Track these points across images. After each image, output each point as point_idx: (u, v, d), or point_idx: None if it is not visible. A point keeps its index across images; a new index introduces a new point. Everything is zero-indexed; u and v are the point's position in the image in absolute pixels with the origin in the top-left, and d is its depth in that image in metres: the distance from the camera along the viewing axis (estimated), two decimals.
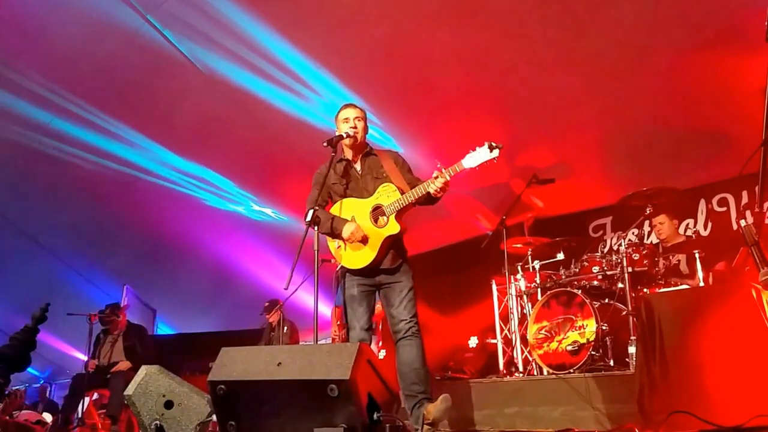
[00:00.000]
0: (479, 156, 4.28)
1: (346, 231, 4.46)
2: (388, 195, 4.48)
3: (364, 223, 4.50)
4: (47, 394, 14.35)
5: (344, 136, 4.56)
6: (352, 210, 4.57)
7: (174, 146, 8.97)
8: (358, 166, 4.68)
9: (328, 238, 4.65)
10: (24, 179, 9.34)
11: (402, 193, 4.42)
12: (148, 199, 9.86)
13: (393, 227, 4.42)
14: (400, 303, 4.49)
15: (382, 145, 7.55)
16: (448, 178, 4.28)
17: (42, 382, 14.97)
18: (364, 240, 4.47)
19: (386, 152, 4.77)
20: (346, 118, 4.67)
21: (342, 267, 4.63)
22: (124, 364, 7.75)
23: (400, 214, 4.44)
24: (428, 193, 4.32)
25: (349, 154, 4.72)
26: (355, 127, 4.62)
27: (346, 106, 4.76)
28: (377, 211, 4.50)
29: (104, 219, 10.11)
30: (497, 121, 7.48)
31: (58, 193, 9.58)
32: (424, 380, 4.40)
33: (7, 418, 6.50)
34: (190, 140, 8.85)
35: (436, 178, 4.27)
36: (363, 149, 4.73)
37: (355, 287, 4.53)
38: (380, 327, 8.18)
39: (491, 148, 4.25)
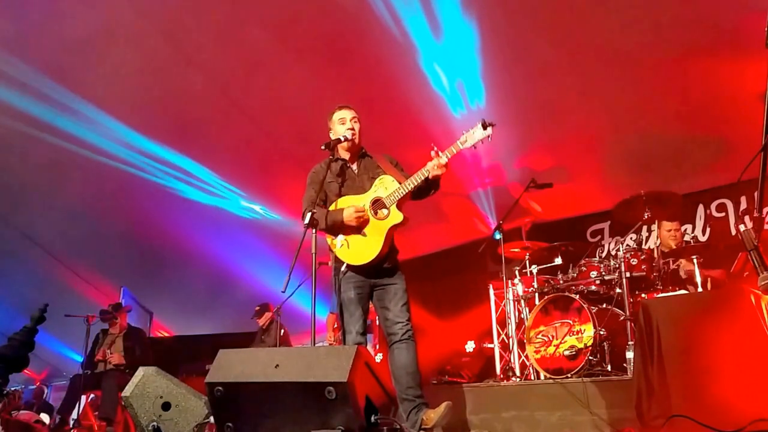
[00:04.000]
0: (474, 135, 4.31)
1: (347, 215, 4.41)
2: (385, 187, 4.46)
3: (368, 216, 4.48)
4: (43, 396, 14.31)
5: (342, 140, 4.55)
6: (351, 206, 4.55)
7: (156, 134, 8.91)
8: (354, 166, 4.68)
9: (328, 238, 4.60)
10: (23, 181, 9.32)
11: (400, 183, 4.42)
12: (146, 201, 9.84)
13: (396, 216, 4.39)
14: (395, 306, 4.47)
15: None
16: (445, 160, 4.28)
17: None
18: (365, 229, 4.45)
19: (380, 154, 4.76)
20: (342, 119, 4.65)
21: (338, 269, 4.59)
22: (117, 357, 7.80)
23: (400, 205, 4.42)
24: (427, 178, 4.32)
25: (345, 154, 4.69)
26: (353, 129, 4.61)
27: (342, 107, 4.72)
28: (377, 204, 4.47)
29: (103, 221, 10.09)
30: (497, 124, 7.48)
31: (57, 195, 9.56)
32: (419, 384, 4.40)
33: (8, 416, 6.49)
34: (175, 130, 8.81)
35: (434, 160, 4.29)
36: (359, 150, 4.73)
37: (351, 290, 4.49)
38: (376, 330, 8.17)
39: (484, 126, 4.27)
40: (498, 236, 7.27)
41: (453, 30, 6.68)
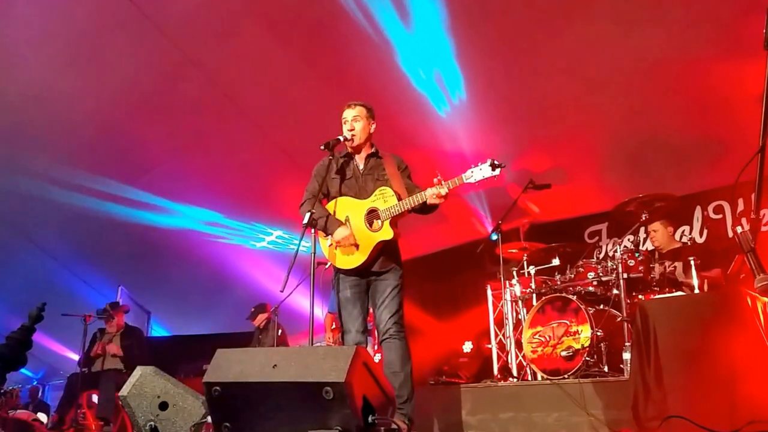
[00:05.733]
0: (481, 172, 4.26)
1: (338, 235, 4.45)
2: (385, 199, 4.45)
3: (358, 225, 4.49)
4: (38, 395, 14.31)
5: (341, 140, 4.55)
6: (348, 210, 4.55)
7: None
8: (360, 165, 4.67)
9: (321, 236, 4.63)
10: (21, 180, 9.31)
11: (399, 199, 4.41)
12: (144, 200, 9.85)
13: (386, 233, 4.40)
14: (382, 303, 4.47)
15: None
16: (446, 191, 4.26)
17: (35, 383, 14.93)
18: (356, 236, 4.47)
19: (390, 155, 4.74)
20: (344, 119, 4.66)
21: (335, 268, 4.62)
22: (115, 347, 7.83)
23: (395, 220, 4.42)
24: (424, 202, 4.31)
25: (352, 153, 4.72)
26: (353, 129, 4.60)
27: (348, 105, 4.71)
28: (372, 215, 4.48)
29: (100, 219, 10.09)
30: (494, 125, 7.49)
31: (54, 194, 9.55)
32: (400, 385, 4.34)
33: (6, 415, 6.48)
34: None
35: (435, 188, 4.27)
36: (367, 149, 4.71)
37: (348, 289, 4.51)
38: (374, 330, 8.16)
39: (494, 167, 4.23)
40: (494, 237, 7.28)
41: (421, 15, 6.62)
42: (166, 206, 9.94)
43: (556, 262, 7.00)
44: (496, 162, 4.23)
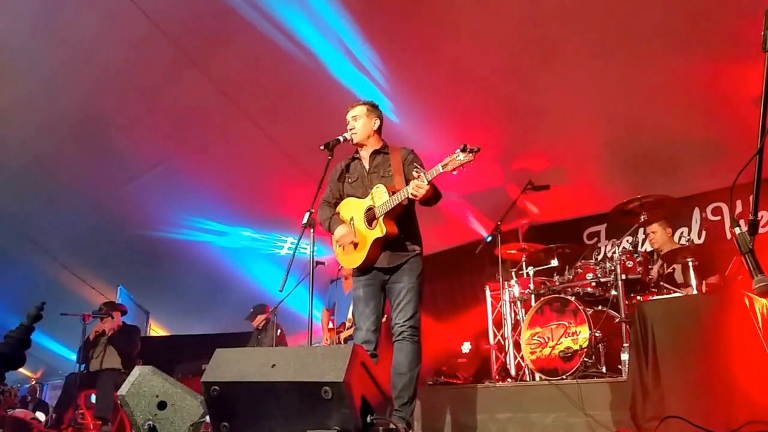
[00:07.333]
0: (456, 159, 4.16)
1: (337, 233, 4.54)
2: (379, 197, 4.47)
3: (359, 225, 4.52)
4: (36, 394, 14.31)
5: (341, 140, 4.59)
6: (352, 210, 4.60)
7: None
8: (366, 164, 4.69)
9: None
10: (21, 179, 9.32)
11: (392, 195, 4.41)
12: (143, 199, 9.84)
13: (380, 230, 4.39)
14: (397, 305, 4.46)
15: None
16: (425, 182, 4.23)
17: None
18: (357, 236, 4.51)
19: (399, 149, 4.71)
20: (347, 122, 4.71)
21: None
22: (108, 324, 7.88)
23: (390, 216, 4.40)
24: (408, 196, 4.30)
25: (360, 152, 4.75)
26: (353, 128, 4.64)
27: (349, 107, 4.75)
28: (369, 213, 4.50)
29: (100, 219, 10.09)
30: (494, 126, 7.49)
31: (54, 193, 9.56)
32: (403, 386, 4.34)
33: (4, 413, 6.48)
34: None
35: (415, 181, 4.26)
36: (372, 146, 4.71)
37: (360, 288, 4.55)
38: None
39: (466, 152, 4.11)
40: (489, 239, 7.29)
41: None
42: (166, 210, 9.97)
43: (554, 263, 7.02)
44: (468, 147, 4.12)
